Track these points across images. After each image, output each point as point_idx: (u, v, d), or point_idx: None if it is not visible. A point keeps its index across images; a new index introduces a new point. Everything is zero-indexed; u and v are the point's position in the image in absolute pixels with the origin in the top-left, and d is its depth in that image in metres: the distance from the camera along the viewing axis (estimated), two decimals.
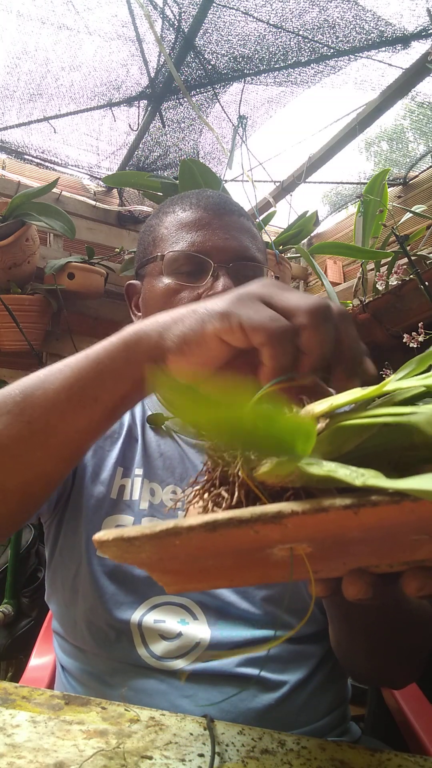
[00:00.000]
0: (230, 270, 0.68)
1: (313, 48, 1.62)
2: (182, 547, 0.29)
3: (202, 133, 2.04)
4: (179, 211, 0.74)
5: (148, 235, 0.77)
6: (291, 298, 0.39)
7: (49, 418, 0.45)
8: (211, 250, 0.69)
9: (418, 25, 1.52)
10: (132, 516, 0.66)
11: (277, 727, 0.43)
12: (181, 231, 0.71)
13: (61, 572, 0.66)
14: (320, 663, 0.63)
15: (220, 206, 0.73)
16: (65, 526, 0.67)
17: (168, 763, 0.35)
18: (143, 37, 1.64)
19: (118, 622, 0.60)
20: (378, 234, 1.59)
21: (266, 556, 0.30)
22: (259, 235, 0.78)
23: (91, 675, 0.61)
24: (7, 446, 0.45)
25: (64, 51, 1.66)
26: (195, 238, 0.70)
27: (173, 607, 0.61)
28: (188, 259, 0.69)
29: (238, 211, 0.75)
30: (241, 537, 0.28)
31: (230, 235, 0.70)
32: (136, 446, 0.72)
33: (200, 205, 0.73)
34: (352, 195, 2.20)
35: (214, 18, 1.54)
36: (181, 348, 0.41)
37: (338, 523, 0.26)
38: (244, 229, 0.73)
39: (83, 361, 0.46)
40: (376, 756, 0.40)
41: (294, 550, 0.29)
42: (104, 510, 0.66)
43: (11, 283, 1.83)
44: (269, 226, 1.96)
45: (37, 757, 0.34)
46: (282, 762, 0.38)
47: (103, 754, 0.35)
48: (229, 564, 0.32)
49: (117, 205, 2.28)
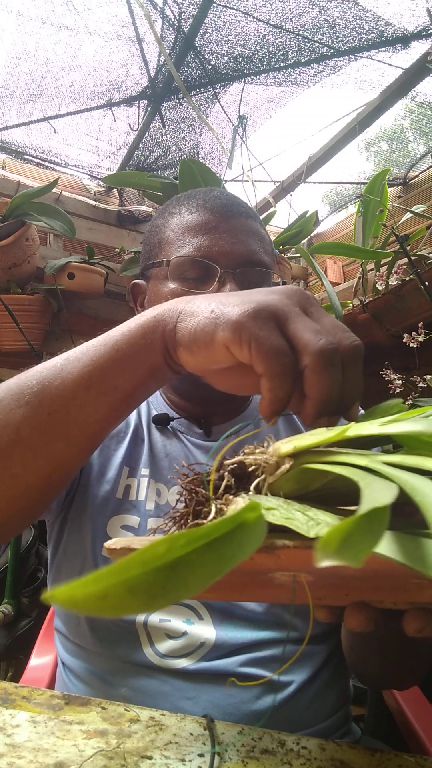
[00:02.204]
0: (237, 276, 0.67)
1: (313, 48, 1.62)
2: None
3: (202, 133, 2.04)
4: (185, 213, 0.72)
5: (154, 236, 0.76)
6: (305, 330, 0.38)
7: (69, 409, 0.44)
8: (217, 255, 0.68)
9: (418, 25, 1.52)
10: (138, 516, 0.65)
11: (280, 730, 0.43)
12: (187, 234, 0.70)
13: (65, 570, 0.66)
14: (325, 663, 0.63)
15: (227, 208, 0.72)
16: (69, 524, 0.67)
17: (168, 763, 0.35)
18: (143, 37, 1.64)
19: (124, 622, 0.60)
20: (378, 234, 1.59)
21: (271, 579, 0.30)
22: (266, 236, 0.76)
23: (93, 674, 0.61)
24: (29, 438, 0.44)
25: (64, 51, 1.66)
26: (201, 242, 0.69)
27: (179, 607, 0.61)
28: (194, 265, 0.68)
29: (246, 213, 0.73)
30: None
31: (237, 239, 0.69)
32: (142, 446, 0.72)
33: (207, 206, 0.72)
34: (352, 195, 2.20)
35: (214, 18, 1.54)
36: (190, 346, 0.42)
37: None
38: (252, 231, 0.72)
39: (102, 349, 0.45)
40: (376, 756, 0.40)
41: (297, 577, 0.29)
42: (110, 509, 0.66)
43: (11, 283, 1.84)
44: (269, 226, 1.96)
45: (37, 757, 0.34)
46: (282, 762, 0.38)
47: (103, 754, 0.35)
48: (238, 582, 0.32)
49: (117, 205, 2.28)
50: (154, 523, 0.64)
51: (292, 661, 0.61)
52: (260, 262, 0.70)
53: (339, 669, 0.65)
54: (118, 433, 0.72)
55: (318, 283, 2.32)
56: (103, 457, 0.70)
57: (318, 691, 0.61)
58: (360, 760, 0.39)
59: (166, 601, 0.20)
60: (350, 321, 1.52)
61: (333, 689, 0.63)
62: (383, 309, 1.46)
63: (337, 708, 0.62)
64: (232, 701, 0.56)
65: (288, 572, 0.29)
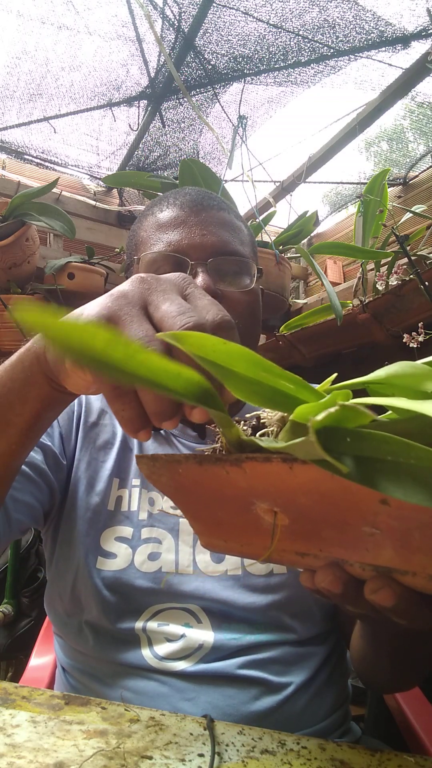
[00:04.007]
0: (209, 266, 0.66)
1: (313, 48, 1.61)
2: (185, 477, 0.35)
3: (202, 133, 2.04)
4: (157, 212, 0.72)
5: (131, 240, 0.77)
6: (139, 330, 0.34)
7: None
8: (187, 248, 0.67)
9: (418, 25, 1.52)
10: (131, 527, 0.65)
11: (279, 730, 0.43)
12: (158, 232, 0.70)
13: (57, 583, 0.66)
14: (323, 663, 0.63)
15: (196, 202, 0.71)
16: (60, 537, 0.67)
17: (168, 763, 0.35)
18: (143, 37, 1.63)
19: (124, 630, 0.60)
20: (378, 234, 1.59)
21: (258, 520, 0.34)
22: (244, 228, 0.75)
23: (92, 677, 0.61)
24: None
25: (64, 51, 1.66)
26: (171, 237, 0.68)
27: (178, 612, 0.61)
28: (165, 260, 0.67)
29: (218, 206, 0.73)
30: (220, 477, 0.33)
31: (208, 230, 0.68)
32: (131, 456, 0.70)
33: (176, 203, 0.72)
34: (352, 195, 2.20)
35: (214, 18, 1.54)
36: (59, 374, 0.40)
37: (281, 477, 0.30)
38: (224, 222, 0.71)
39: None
40: (376, 756, 0.40)
41: (277, 520, 0.33)
42: (102, 522, 0.65)
43: (11, 283, 1.83)
44: (269, 226, 1.96)
45: (37, 757, 0.34)
46: (282, 762, 0.38)
47: (103, 754, 0.35)
48: (233, 522, 0.36)
49: (117, 205, 2.28)
50: (148, 532, 0.64)
51: (290, 664, 0.61)
52: (234, 251, 0.69)
53: (337, 669, 0.65)
54: (105, 444, 0.71)
55: (318, 283, 2.32)
56: (92, 470, 0.69)
57: (317, 692, 0.61)
58: (360, 760, 0.39)
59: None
60: (350, 321, 1.52)
61: (331, 689, 0.63)
62: (383, 309, 1.46)
63: (335, 707, 0.63)
64: (231, 702, 0.56)
65: (260, 503, 0.33)
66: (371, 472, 0.25)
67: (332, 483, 0.28)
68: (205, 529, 0.39)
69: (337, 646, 0.67)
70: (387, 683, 0.66)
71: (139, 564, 0.62)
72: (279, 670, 0.59)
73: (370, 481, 0.25)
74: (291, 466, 0.29)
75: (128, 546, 0.63)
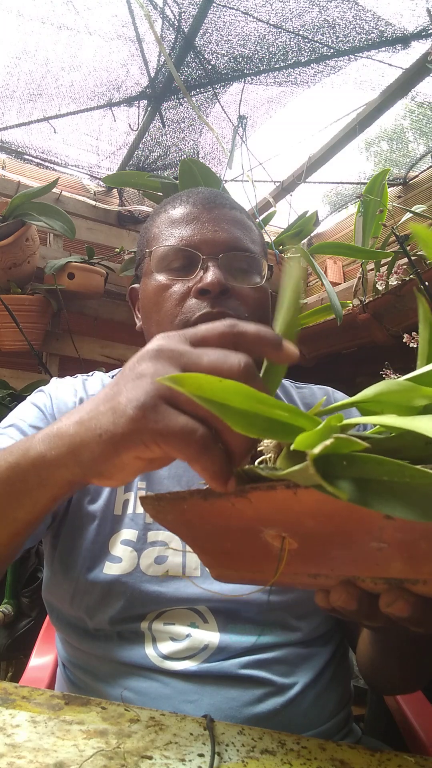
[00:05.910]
0: (221, 261, 0.67)
1: (313, 48, 1.61)
2: (191, 512, 0.36)
3: (202, 133, 2.04)
4: (170, 209, 0.74)
5: (143, 237, 0.78)
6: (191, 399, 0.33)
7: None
8: (199, 243, 0.68)
9: (418, 25, 1.52)
10: (136, 530, 0.64)
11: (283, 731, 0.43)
12: (170, 228, 0.71)
13: (58, 587, 0.65)
14: (327, 663, 0.63)
15: (209, 200, 0.73)
16: (61, 545, 0.66)
17: (168, 763, 0.35)
18: (143, 37, 1.63)
19: (129, 632, 0.60)
20: (378, 234, 1.59)
21: (267, 546, 0.34)
22: (255, 228, 0.76)
23: (95, 676, 0.61)
24: None
25: (64, 51, 1.66)
26: (183, 232, 0.69)
27: (184, 611, 0.60)
28: (177, 254, 0.68)
29: (230, 204, 0.74)
30: (226, 509, 0.34)
31: (219, 227, 0.69)
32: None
33: (189, 201, 0.73)
34: (352, 195, 2.20)
35: (214, 18, 1.54)
36: (101, 476, 0.38)
37: (287, 503, 0.31)
38: (235, 220, 0.72)
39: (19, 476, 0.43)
40: (376, 756, 0.40)
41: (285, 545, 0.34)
42: (108, 527, 0.64)
43: (11, 283, 1.84)
44: (269, 226, 1.96)
45: (37, 757, 0.34)
46: (282, 762, 0.38)
47: (103, 754, 0.35)
48: (242, 551, 0.37)
49: (117, 205, 2.28)
50: (153, 535, 0.64)
51: (295, 664, 0.61)
52: (245, 248, 0.70)
53: (341, 669, 0.65)
54: None
55: (318, 283, 2.31)
56: None
57: (321, 693, 0.60)
58: (360, 760, 0.39)
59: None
60: (350, 321, 1.52)
61: (335, 690, 0.63)
62: (383, 309, 1.46)
63: (339, 709, 0.62)
64: (234, 704, 0.55)
65: (268, 529, 0.34)
66: (370, 494, 0.27)
67: (336, 503, 0.29)
68: (214, 561, 0.40)
69: (340, 645, 0.67)
70: (394, 686, 0.67)
71: (145, 567, 0.61)
72: (284, 671, 0.59)
73: (369, 502, 0.27)
74: (295, 491, 0.30)
75: (133, 549, 0.63)
